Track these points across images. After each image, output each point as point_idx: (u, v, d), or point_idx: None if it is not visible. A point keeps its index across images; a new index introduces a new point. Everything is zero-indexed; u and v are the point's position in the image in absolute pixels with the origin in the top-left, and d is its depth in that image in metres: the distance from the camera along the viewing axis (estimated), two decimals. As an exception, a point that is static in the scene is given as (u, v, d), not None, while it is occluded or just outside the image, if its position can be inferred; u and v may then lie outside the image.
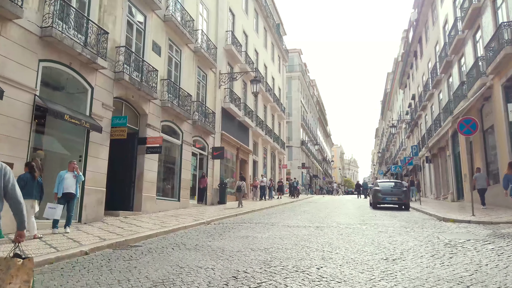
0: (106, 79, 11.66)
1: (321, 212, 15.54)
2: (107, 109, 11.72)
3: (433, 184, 29.38)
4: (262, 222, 11.23)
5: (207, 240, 7.74)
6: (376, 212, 15.37)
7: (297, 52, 54.41)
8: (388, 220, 11.64)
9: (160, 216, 12.63)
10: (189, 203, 17.13)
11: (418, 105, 32.47)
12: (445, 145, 24.13)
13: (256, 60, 30.10)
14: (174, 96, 15.88)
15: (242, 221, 11.95)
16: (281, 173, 38.07)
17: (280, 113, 36.90)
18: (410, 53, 35.98)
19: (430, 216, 13.34)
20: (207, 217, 12.40)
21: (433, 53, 26.71)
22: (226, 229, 9.67)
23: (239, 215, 14.29)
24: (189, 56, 17.75)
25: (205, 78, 19.84)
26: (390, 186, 18.07)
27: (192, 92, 17.75)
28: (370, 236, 8.07)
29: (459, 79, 20.24)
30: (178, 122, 16.34)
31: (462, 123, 11.46)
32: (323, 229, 9.39)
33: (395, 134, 46.66)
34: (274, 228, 9.60)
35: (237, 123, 24.45)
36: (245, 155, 25.97)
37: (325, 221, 11.33)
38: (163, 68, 15.23)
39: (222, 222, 11.76)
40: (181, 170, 16.50)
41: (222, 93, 21.73)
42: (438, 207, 17.06)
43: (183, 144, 16.79)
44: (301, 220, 11.69)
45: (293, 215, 13.71)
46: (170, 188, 16.21)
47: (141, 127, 13.98)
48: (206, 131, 18.92)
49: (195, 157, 18.52)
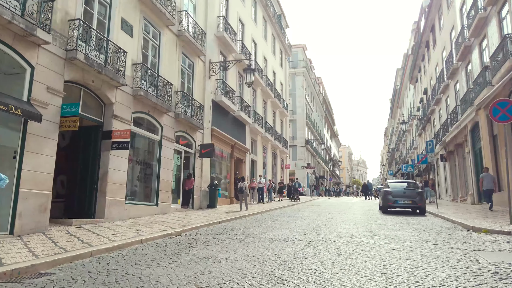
0: (53, 57, 9.52)
1: (321, 218, 13.23)
2: (54, 95, 9.57)
3: (449, 185, 26.83)
4: (243, 234, 8.98)
5: (146, 266, 5.52)
6: (386, 218, 13.02)
7: (301, 47, 52.13)
8: (402, 230, 9.30)
9: (124, 225, 10.44)
10: (171, 207, 14.93)
11: (431, 99, 29.94)
12: (463, 141, 21.61)
13: (255, 51, 27.88)
14: (150, 84, 13.73)
15: (221, 231, 9.71)
16: (284, 173, 35.74)
17: (282, 109, 34.60)
18: (421, 44, 33.45)
19: (453, 223, 10.95)
20: (181, 226, 10.19)
21: (448, 40, 24.21)
22: (190, 245, 7.44)
23: (223, 222, 12.07)
24: (171, 40, 15.59)
25: (192, 66, 17.66)
26: (402, 188, 15.68)
27: (174, 81, 15.58)
28: (379, 258, 5.77)
29: (480, 65, 17.77)
30: (156, 115, 14.17)
31: (495, 106, 9.08)
32: (316, 245, 7.10)
33: (405, 132, 44.04)
34: (253, 244, 7.34)
35: (232, 119, 22.23)
36: (241, 154, 23.73)
37: (323, 232, 9.03)
38: (135, 51, 13.09)
39: (196, 232, 9.54)
40: (160, 169, 14.32)
41: (213, 84, 19.54)
42: (459, 212, 14.64)
43: (163, 140, 14.61)
44: (293, 230, 9.41)
45: (287, 223, 11.43)
46: (146, 190, 14.03)
47: (106, 119, 11.82)
48: (192, 126, 16.73)
49: (179, 155, 16.33)
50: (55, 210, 11.77)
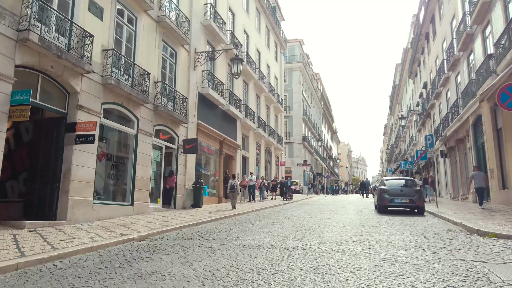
0: (0, 38, 8.36)
1: (310, 218, 12.09)
2: (2, 80, 8.42)
3: (449, 182, 25.69)
4: (215, 238, 7.84)
5: (69, 285, 4.37)
6: (381, 219, 11.88)
7: (298, 42, 50.90)
8: (397, 234, 8.17)
9: (86, 228, 9.30)
10: (149, 207, 13.79)
11: (431, 93, 28.78)
12: (465, 136, 20.46)
13: (247, 43, 26.68)
14: (124, 72, 12.57)
15: (192, 235, 8.58)
16: (279, 171, 34.59)
17: (276, 105, 33.41)
18: (420, 36, 32.25)
19: (455, 225, 9.81)
20: (149, 230, 9.06)
21: (448, 30, 23.02)
22: (144, 254, 6.31)
23: (202, 224, 10.95)
24: (150, 26, 14.41)
25: (175, 56, 16.48)
26: (399, 185, 14.53)
27: (153, 71, 14.41)
28: (364, 274, 4.63)
29: (483, 53, 16.60)
30: (132, 106, 13.00)
31: (504, 91, 7.91)
32: (292, 254, 5.96)
33: (404, 128, 42.87)
34: (219, 253, 6.20)
35: (221, 113, 21.07)
36: (231, 150, 22.57)
37: (306, 236, 7.89)
38: (106, 35, 11.91)
39: (164, 237, 8.39)
40: (136, 166, 13.17)
41: (199, 76, 18.37)
42: (461, 211, 13.50)
43: (140, 134, 13.45)
44: (273, 234, 8.27)
45: (270, 225, 10.29)
46: (120, 189, 12.89)
47: (71, 109, 10.66)
48: (174, 119, 15.56)
49: (159, 151, 15.17)
50: (13, 211, 10.69)
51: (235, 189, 16.06)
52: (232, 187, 16.18)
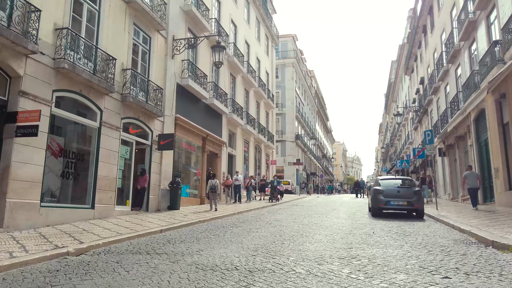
0: None
1: (294, 224, 10.58)
2: None
3: (448, 182, 24.31)
4: (168, 253, 6.29)
5: None
6: (375, 224, 10.39)
7: (291, 37, 49.40)
8: (395, 247, 6.66)
9: (21, 237, 7.72)
10: (114, 210, 12.21)
11: (429, 88, 27.39)
12: (466, 133, 19.05)
13: (235, 34, 25.12)
14: (84, 56, 10.97)
15: (145, 247, 7.03)
16: (270, 170, 33.07)
17: (267, 101, 31.89)
18: (417, 29, 30.85)
19: (462, 233, 8.34)
20: (95, 240, 7.50)
21: (448, 20, 21.60)
22: (60, 278, 4.76)
23: (167, 231, 9.42)
24: (118, 6, 12.81)
25: (149, 42, 14.89)
26: (396, 186, 13.06)
27: (121, 57, 12.83)
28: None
29: (488, 41, 15.17)
30: (93, 96, 11.41)
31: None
32: (254, 281, 4.42)
33: (400, 125, 41.52)
34: (158, 277, 4.67)
35: (204, 107, 19.51)
36: (216, 148, 21.02)
37: (281, 250, 6.36)
38: (60, 12, 10.29)
39: (111, 249, 6.84)
40: (98, 163, 11.58)
41: (178, 65, 16.79)
42: (464, 215, 12.04)
43: (103, 127, 11.85)
44: (243, 247, 6.73)
45: (245, 232, 8.75)
46: (78, 190, 11.28)
47: (12, 96, 9.05)
48: (147, 112, 13.99)
49: (128, 147, 13.57)
50: None
51: (215, 189, 14.53)
52: (213, 187, 14.65)
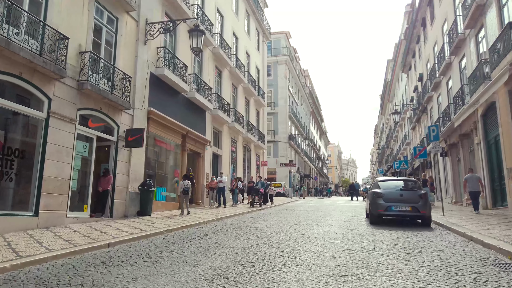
0: None
1: (277, 235, 8.74)
2: None
3: (450, 185, 22.60)
4: (85, 284, 4.41)
5: None
6: (375, 235, 8.57)
7: (284, 34, 47.69)
8: (407, 275, 4.83)
9: None
10: (66, 217, 10.29)
11: (428, 84, 25.73)
12: (472, 130, 17.34)
13: (221, 24, 23.31)
14: (27, 32, 9.09)
15: (65, 271, 5.15)
16: (260, 171, 31.22)
17: (257, 98, 30.07)
18: (416, 23, 29.22)
19: (486, 248, 6.54)
20: (12, 259, 5.61)
21: (450, 9, 19.94)
22: None
23: (117, 245, 7.57)
24: (74, -21, 10.93)
25: (115, 24, 13.01)
26: (398, 188, 11.27)
27: (78, 37, 10.94)
28: None
29: (500, 26, 13.47)
30: (38, 80, 9.51)
31: None
32: None
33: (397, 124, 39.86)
34: None
35: (184, 101, 17.64)
36: (198, 146, 19.14)
37: (245, 282, 4.51)
38: (-10, -23, 8.43)
39: (15, 276, 4.95)
40: (45, 162, 9.67)
41: (152, 53, 14.93)
42: (477, 222, 10.26)
43: (52, 119, 9.95)
44: (195, 276, 4.86)
45: (212, 248, 6.89)
46: (18, 194, 9.36)
47: None
48: (111, 103, 12.10)
49: (87, 143, 11.66)
50: None
51: (188, 191, 12.69)
52: (186, 189, 12.80)
